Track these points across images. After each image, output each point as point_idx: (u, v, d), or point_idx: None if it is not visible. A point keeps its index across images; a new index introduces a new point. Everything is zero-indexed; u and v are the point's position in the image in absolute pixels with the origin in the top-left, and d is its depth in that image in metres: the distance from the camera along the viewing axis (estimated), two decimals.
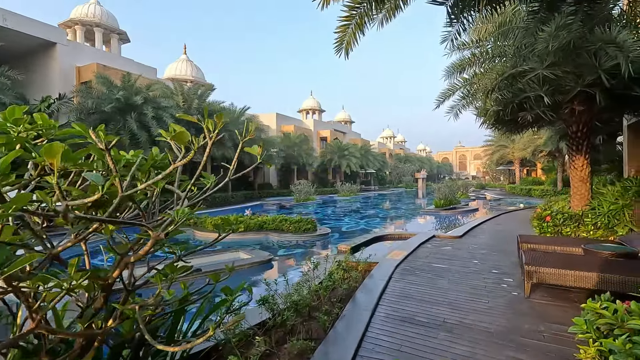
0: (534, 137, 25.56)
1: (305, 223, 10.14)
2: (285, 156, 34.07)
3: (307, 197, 24.84)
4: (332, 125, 48.09)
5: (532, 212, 14.66)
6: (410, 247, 7.67)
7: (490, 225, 11.46)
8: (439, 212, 16.46)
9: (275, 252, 9.12)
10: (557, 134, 16.41)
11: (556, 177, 27.11)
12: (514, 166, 36.78)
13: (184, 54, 37.55)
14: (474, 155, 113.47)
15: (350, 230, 12.57)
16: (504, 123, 9.77)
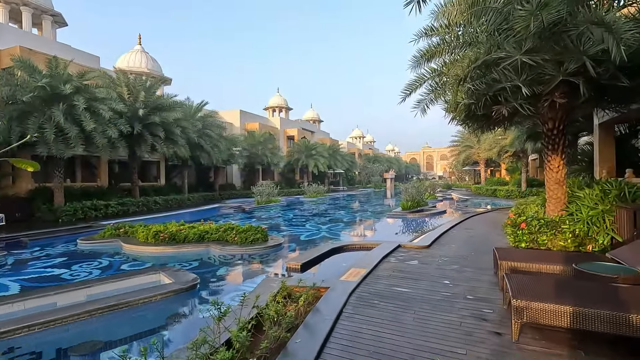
0: (500, 138, 25.55)
1: (253, 233, 8.73)
2: (249, 155, 32.33)
3: (270, 199, 23.33)
4: (300, 124, 46.73)
5: (503, 214, 14.19)
6: (372, 262, 6.48)
7: (459, 230, 10.58)
8: (406, 215, 15.56)
9: (215, 269, 7.63)
10: (524, 133, 16.02)
11: (520, 178, 27.32)
12: (479, 166, 37.15)
13: (139, 44, 34.74)
14: (440, 156, 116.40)
15: (309, 239, 11.28)
16: (475, 119, 8.85)
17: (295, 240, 11.02)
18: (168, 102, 19.20)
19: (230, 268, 7.66)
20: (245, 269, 7.65)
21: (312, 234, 12.20)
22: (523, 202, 11.43)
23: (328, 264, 7.20)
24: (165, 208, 20.77)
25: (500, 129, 17.59)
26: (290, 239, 11.16)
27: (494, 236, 9.60)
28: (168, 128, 18.65)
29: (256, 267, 7.75)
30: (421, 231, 11.47)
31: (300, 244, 10.57)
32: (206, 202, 26.26)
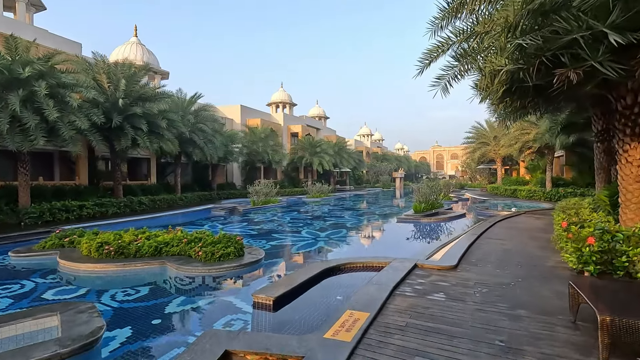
0: (522, 133, 23.11)
1: (224, 245, 6.70)
2: (249, 152, 30.40)
3: (268, 200, 21.34)
4: (305, 120, 44.69)
5: (534, 219, 11.56)
6: (378, 296, 4.41)
7: (489, 242, 8.40)
8: (420, 220, 13.40)
9: (154, 303, 5.58)
10: (557, 125, 13.68)
11: (543, 177, 24.81)
12: (496, 165, 34.61)
13: (135, 36, 33.11)
14: (451, 155, 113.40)
15: (301, 252, 9.22)
16: (520, 95, 6.65)
17: (282, 254, 8.94)
18: (153, 93, 17.32)
19: (176, 301, 5.45)
20: (198, 303, 5.42)
21: (307, 243, 10.14)
22: (567, 206, 9.18)
23: (314, 298, 5.14)
24: (152, 209, 18.94)
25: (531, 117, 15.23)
26: (276, 251, 9.09)
27: (536, 251, 7.41)
28: (152, 120, 16.77)
29: (214, 301, 5.60)
30: (440, 240, 9.31)
31: (289, 259, 8.49)
32: (201, 202, 24.41)
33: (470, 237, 8.75)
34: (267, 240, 10.41)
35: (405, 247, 9.09)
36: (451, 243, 8.40)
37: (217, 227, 13.49)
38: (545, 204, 20.31)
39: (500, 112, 9.48)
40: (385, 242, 10.43)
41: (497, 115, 10.29)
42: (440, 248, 7.87)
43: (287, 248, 9.53)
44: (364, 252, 8.79)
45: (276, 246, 9.65)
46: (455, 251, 7.02)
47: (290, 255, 8.78)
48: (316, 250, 9.18)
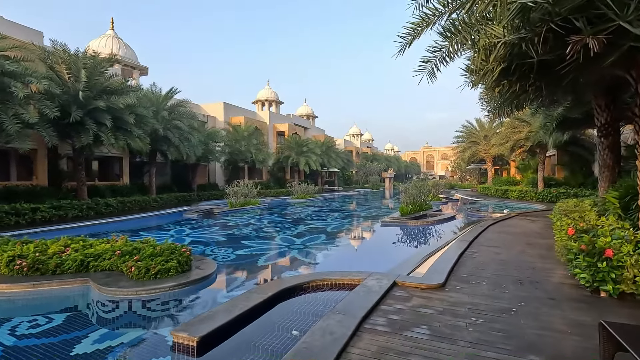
0: (514, 131, 22.32)
1: (164, 258, 5.50)
2: (231, 152, 29.06)
3: (248, 201, 20.08)
4: (292, 119, 43.46)
5: (528, 222, 10.13)
6: (340, 335, 3.27)
7: (482, 250, 7.35)
8: (406, 223, 12.33)
9: (84, 330, 4.37)
10: (552, 120, 12.76)
11: (535, 177, 24.07)
12: (486, 164, 33.91)
13: (111, 29, 31.50)
14: (441, 155, 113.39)
15: (268, 263, 8.04)
16: (520, 76, 5.57)
17: (244, 267, 7.71)
18: (119, 85, 15.94)
19: (93, 336, 4.13)
20: (112, 340, 4.12)
21: (279, 252, 8.97)
22: (568, 209, 8.20)
23: (260, 333, 3.95)
24: (121, 212, 17.53)
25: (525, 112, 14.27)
26: (239, 263, 7.86)
27: (536, 261, 6.37)
28: (118, 115, 15.40)
29: (134, 336, 4.31)
30: (427, 247, 8.23)
31: (250, 274, 7.24)
32: (179, 204, 23.02)
33: (460, 244, 7.69)
34: (234, 249, 9.21)
35: (387, 255, 7.98)
36: (439, 252, 7.32)
37: (185, 231, 12.24)
38: (537, 204, 19.50)
39: (495, 102, 8.47)
40: (365, 250, 9.27)
41: (490, 108, 9.29)
42: (427, 258, 6.78)
43: (254, 259, 8.34)
44: (340, 263, 7.64)
45: (242, 256, 8.45)
46: (443, 264, 5.94)
47: (253, 268, 7.56)
48: (286, 261, 8.01)
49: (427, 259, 6.82)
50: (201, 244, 9.99)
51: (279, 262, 7.91)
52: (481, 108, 10.05)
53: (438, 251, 7.44)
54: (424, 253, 7.26)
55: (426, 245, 8.71)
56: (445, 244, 8.20)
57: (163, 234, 11.54)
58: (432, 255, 7.11)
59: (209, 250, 8.97)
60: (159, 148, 20.79)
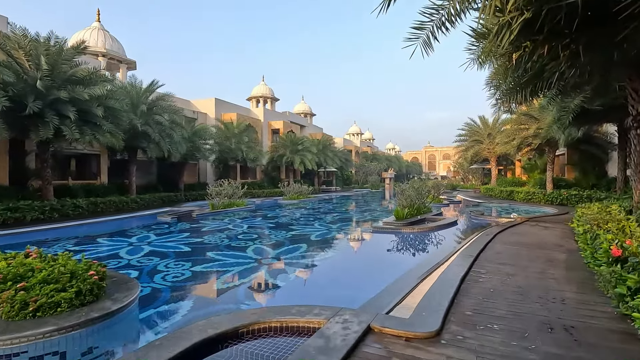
0: (520, 128, 20.74)
1: (62, 284, 4.01)
2: (221, 150, 27.58)
3: (232, 202, 18.59)
4: (288, 116, 41.91)
5: (540, 229, 8.68)
6: None
7: (492, 271, 5.82)
8: (400, 230, 10.79)
9: None
10: (568, 113, 11.19)
11: (542, 177, 22.47)
12: (490, 164, 32.30)
13: (97, 21, 30.08)
14: (443, 155, 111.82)
15: (225, 287, 6.51)
16: (548, 33, 4.01)
17: (189, 291, 6.03)
18: (88, 75, 14.47)
19: None
20: None
21: (244, 269, 7.43)
22: (596, 216, 6.63)
23: None
24: (93, 213, 16.09)
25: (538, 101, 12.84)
26: (184, 287, 6.28)
27: (565, 290, 4.84)
28: (85, 108, 13.95)
29: None
30: (421, 265, 6.69)
31: (191, 303, 5.68)
32: (164, 204, 21.58)
33: (463, 261, 6.16)
34: (194, 263, 7.73)
35: (370, 276, 6.43)
36: (436, 271, 5.79)
37: (149, 238, 10.76)
38: (547, 207, 17.91)
39: (507, 86, 6.93)
40: (345, 268, 7.56)
41: (499, 94, 7.74)
42: (419, 282, 5.25)
43: (208, 279, 6.83)
44: (309, 287, 6.05)
45: (196, 275, 6.94)
46: (439, 294, 4.41)
47: (197, 296, 6.01)
48: (246, 283, 6.48)
49: (420, 282, 5.29)
50: (158, 255, 8.52)
51: (237, 284, 6.39)
52: (488, 96, 8.52)
53: (435, 270, 5.92)
54: (417, 274, 5.72)
55: (421, 260, 7.17)
56: (445, 258, 6.66)
57: (121, 242, 10.07)
58: (427, 277, 5.58)
59: (162, 266, 7.48)
60: (138, 145, 19.34)
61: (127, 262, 7.80)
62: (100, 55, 28.75)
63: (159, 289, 6.09)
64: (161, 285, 6.23)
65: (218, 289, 6.17)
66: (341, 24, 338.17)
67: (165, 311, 5.10)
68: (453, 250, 7.50)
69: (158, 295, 5.77)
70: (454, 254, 7.13)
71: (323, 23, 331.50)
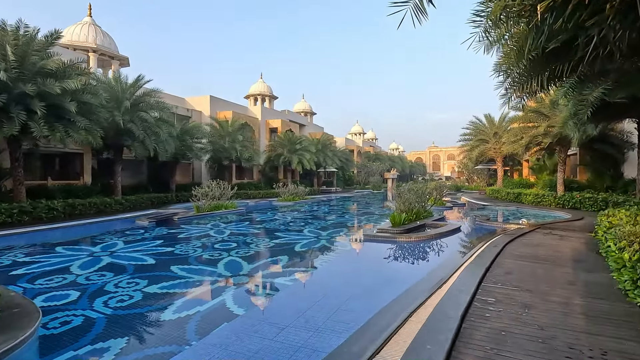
0: (528, 127, 19.43)
1: None
2: (214, 149, 26.51)
3: (220, 205, 17.48)
4: (287, 115, 40.75)
5: (556, 239, 7.43)
6: None
7: (503, 299, 4.62)
8: (396, 238, 9.55)
9: None
10: (586, 107, 9.90)
11: (552, 179, 21.12)
12: (496, 164, 30.93)
13: (89, 16, 29.15)
14: (447, 155, 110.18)
15: (159, 320, 5.29)
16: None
17: (115, 327, 4.88)
18: (62, 67, 13.42)
19: None
20: None
21: (202, 292, 6.30)
22: (622, 224, 5.39)
23: None
24: (70, 216, 15.07)
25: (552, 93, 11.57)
26: (116, 320, 5.01)
27: (600, 328, 3.62)
28: (58, 103, 12.92)
29: None
30: (413, 288, 5.48)
31: (123, 345, 4.52)
32: (153, 206, 20.63)
33: (464, 285, 4.96)
34: (151, 282, 6.58)
35: (345, 310, 5.14)
36: (429, 301, 4.60)
37: (116, 246, 9.67)
38: (558, 211, 16.59)
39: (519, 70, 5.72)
40: (316, 296, 6.00)
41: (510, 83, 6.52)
42: (406, 319, 4.05)
43: (161, 304, 5.65)
44: (264, 329, 4.82)
45: (147, 299, 5.79)
46: (430, 344, 3.21)
47: (137, 329, 4.85)
48: (203, 312, 5.30)
49: (409, 317, 4.09)
50: (115, 270, 7.42)
51: (191, 314, 5.20)
52: (496, 85, 7.29)
53: (430, 298, 4.72)
54: (406, 304, 4.51)
55: (414, 281, 5.95)
56: (443, 280, 5.45)
57: (80, 252, 8.98)
58: (420, 308, 4.38)
59: (111, 285, 6.37)
60: (122, 143, 18.32)
61: (72, 280, 6.68)
62: (90, 51, 27.84)
63: (91, 319, 4.95)
64: (97, 314, 5.10)
65: (164, 320, 5.00)
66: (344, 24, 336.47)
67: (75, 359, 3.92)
68: (454, 267, 6.29)
69: (84, 329, 4.63)
70: (456, 271, 5.93)
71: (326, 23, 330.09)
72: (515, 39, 5.13)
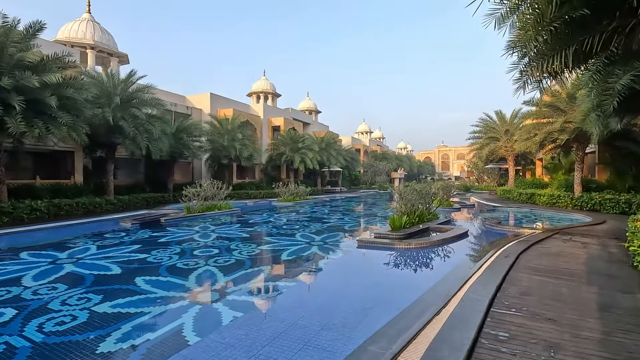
0: (543, 123, 18.12)
1: None
2: (212, 148, 25.73)
3: (213, 205, 16.60)
4: (291, 113, 39.82)
5: (582, 248, 6.45)
6: None
7: (520, 339, 3.58)
8: (394, 245, 8.50)
9: None
10: (612, 96, 8.70)
11: (568, 179, 19.78)
12: (507, 164, 29.51)
13: (87, 12, 28.63)
14: (457, 155, 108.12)
15: None
16: None
17: (52, 354, 4.09)
18: (43, 60, 12.69)
19: None
20: None
21: (165, 314, 5.37)
22: None
23: None
24: (55, 216, 14.40)
25: None
26: (43, 349, 4.28)
27: None
28: (36, 97, 12.20)
29: None
30: (403, 317, 4.45)
31: None
32: (148, 206, 19.96)
33: (469, 311, 3.93)
34: (106, 297, 5.71)
35: (317, 344, 4.18)
36: (420, 335, 3.57)
37: (87, 251, 8.83)
38: (576, 214, 15.31)
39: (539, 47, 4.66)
40: (291, 322, 5.13)
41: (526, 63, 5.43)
42: (401, 351, 3.03)
43: (107, 329, 4.71)
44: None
45: (93, 320, 4.89)
46: None
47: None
48: (153, 340, 4.38)
49: (402, 351, 3.07)
50: (73, 281, 6.60)
51: (139, 343, 4.28)
52: (508, 68, 6.20)
53: (423, 330, 3.69)
54: (391, 342, 3.49)
55: (407, 302, 4.93)
56: (442, 304, 4.42)
57: (43, 259, 8.15)
58: (414, 340, 3.36)
59: (57, 302, 5.50)
60: (113, 140, 17.60)
61: (17, 294, 5.81)
62: (88, 47, 27.30)
63: (13, 348, 4.06)
64: (23, 341, 4.21)
65: (100, 352, 4.07)
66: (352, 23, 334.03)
67: None
68: (457, 284, 5.24)
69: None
70: (459, 290, 4.89)
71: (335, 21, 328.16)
72: (535, 3, 4.09)
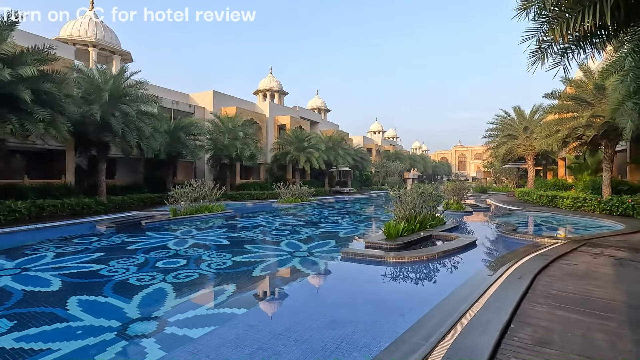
0: (567, 117, 16.34)
1: None
2: (214, 147, 24.85)
3: (204, 207, 15.58)
4: (297, 111, 38.70)
5: (621, 262, 5.64)
6: None
7: None
8: (382, 258, 7.13)
9: None
10: None
11: (596, 179, 17.86)
12: (526, 164, 27.51)
13: (90, 10, 28.27)
14: (474, 155, 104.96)
15: None
16: None
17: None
18: (16, 53, 11.93)
19: None
20: None
21: (90, 348, 4.27)
22: None
23: None
24: (37, 218, 13.70)
25: None
26: None
27: None
28: (9, 91, 11.44)
29: None
30: None
31: None
32: (145, 207, 19.23)
33: None
34: (17, 326, 4.64)
35: None
36: None
37: (42, 260, 7.88)
38: (605, 219, 13.53)
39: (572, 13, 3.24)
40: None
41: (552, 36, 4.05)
42: None
43: None
44: None
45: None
46: None
47: None
48: None
49: None
50: (12, 295, 5.59)
51: None
52: (522, 38, 4.82)
53: None
54: None
55: (378, 346, 3.64)
56: (433, 345, 3.11)
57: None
58: None
59: None
60: (102, 138, 16.84)
61: None
62: (90, 45, 26.94)
63: None
64: None
65: None
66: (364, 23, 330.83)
67: None
68: (449, 322, 3.90)
69: None
70: (448, 333, 3.57)
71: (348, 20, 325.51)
72: None
